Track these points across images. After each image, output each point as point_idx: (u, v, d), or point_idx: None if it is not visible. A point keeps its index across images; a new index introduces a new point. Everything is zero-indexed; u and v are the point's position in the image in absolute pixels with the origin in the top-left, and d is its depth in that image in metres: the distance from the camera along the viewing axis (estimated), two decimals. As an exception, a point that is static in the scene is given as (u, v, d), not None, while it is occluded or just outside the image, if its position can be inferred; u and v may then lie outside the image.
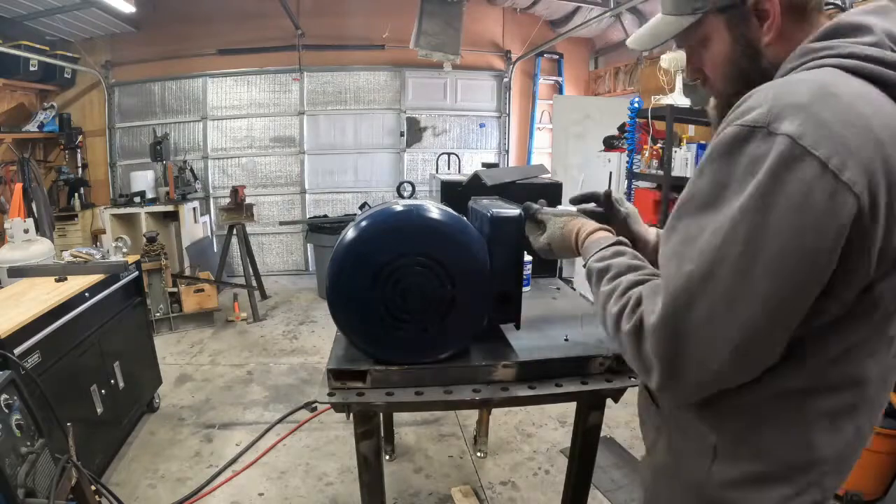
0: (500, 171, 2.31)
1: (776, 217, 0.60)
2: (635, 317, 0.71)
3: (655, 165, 3.88)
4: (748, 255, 0.61)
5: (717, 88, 0.84)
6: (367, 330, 1.25)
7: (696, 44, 0.83)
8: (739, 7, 0.76)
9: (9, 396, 1.33)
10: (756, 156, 0.62)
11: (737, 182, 0.63)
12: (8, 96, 5.20)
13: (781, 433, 0.74)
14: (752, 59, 0.77)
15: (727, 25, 0.78)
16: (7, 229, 3.14)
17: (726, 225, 0.63)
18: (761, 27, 0.76)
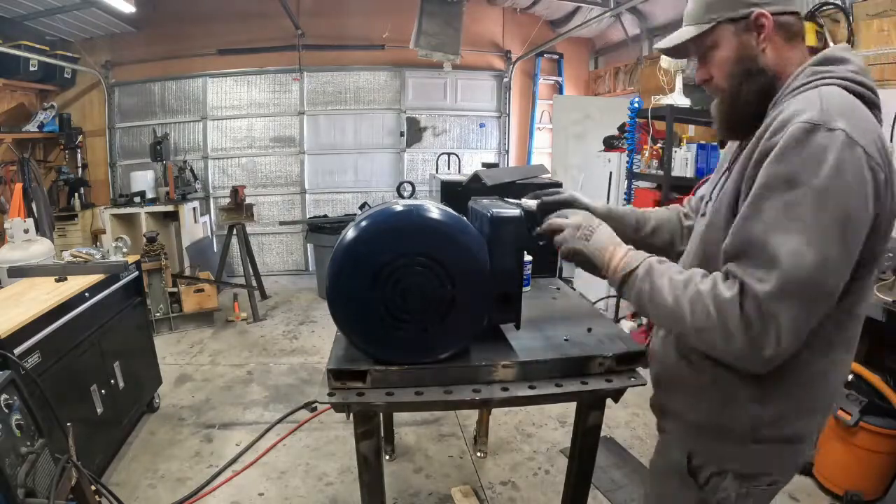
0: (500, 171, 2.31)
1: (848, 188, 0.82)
2: (736, 286, 0.86)
3: (655, 165, 3.88)
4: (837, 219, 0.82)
5: (721, 86, 1.03)
6: (367, 330, 1.25)
7: (707, 49, 1.03)
8: (744, 20, 0.97)
9: (9, 396, 1.33)
10: (824, 144, 0.82)
11: (812, 163, 0.82)
12: (8, 96, 5.20)
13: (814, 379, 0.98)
14: (750, 62, 0.99)
15: (734, 33, 0.99)
16: (7, 229, 3.13)
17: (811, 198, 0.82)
18: (759, 37, 0.98)
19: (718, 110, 1.06)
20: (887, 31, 2.87)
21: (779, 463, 1.06)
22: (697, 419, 1.08)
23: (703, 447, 1.08)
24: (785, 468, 1.09)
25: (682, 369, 1.09)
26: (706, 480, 1.08)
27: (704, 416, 1.06)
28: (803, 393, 0.99)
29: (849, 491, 2.30)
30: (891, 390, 2.20)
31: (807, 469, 2.54)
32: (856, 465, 2.31)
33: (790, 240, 0.82)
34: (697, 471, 1.09)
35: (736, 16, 0.97)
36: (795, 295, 0.82)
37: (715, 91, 1.05)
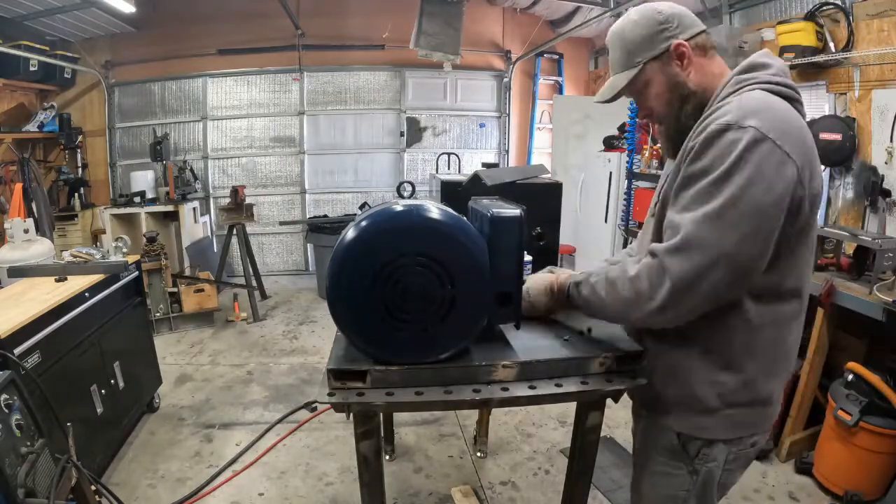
0: (500, 171, 2.31)
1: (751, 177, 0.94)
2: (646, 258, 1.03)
3: (655, 165, 3.87)
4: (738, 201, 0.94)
5: (662, 114, 1.17)
6: (367, 330, 1.25)
7: (641, 88, 1.16)
8: (665, 54, 1.11)
9: (9, 396, 1.33)
10: (733, 139, 0.95)
11: (722, 156, 0.96)
12: (8, 96, 5.20)
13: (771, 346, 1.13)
14: (681, 87, 1.12)
15: (659, 69, 1.12)
16: (7, 229, 3.13)
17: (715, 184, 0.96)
18: (682, 65, 1.11)
19: (664, 135, 1.20)
20: (887, 31, 2.87)
21: (755, 423, 1.18)
22: (675, 395, 1.18)
23: (687, 421, 1.18)
24: (761, 427, 1.19)
25: (653, 354, 1.23)
26: (696, 452, 1.18)
27: (681, 391, 1.17)
28: (764, 359, 1.12)
29: (849, 491, 2.30)
30: (891, 390, 2.20)
31: (807, 469, 2.54)
32: (856, 465, 2.31)
33: (695, 214, 0.97)
34: (687, 444, 1.19)
35: (657, 53, 1.10)
36: (691, 252, 0.96)
37: (659, 120, 1.19)
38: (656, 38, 1.10)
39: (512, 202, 1.43)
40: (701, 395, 1.14)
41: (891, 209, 2.83)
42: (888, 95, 2.85)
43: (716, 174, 0.96)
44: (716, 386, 1.12)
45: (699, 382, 1.14)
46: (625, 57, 1.14)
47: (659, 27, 1.10)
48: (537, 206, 1.79)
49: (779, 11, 3.66)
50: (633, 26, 1.13)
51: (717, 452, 1.16)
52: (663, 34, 1.10)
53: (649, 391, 1.24)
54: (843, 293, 2.40)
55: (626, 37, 1.13)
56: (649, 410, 1.29)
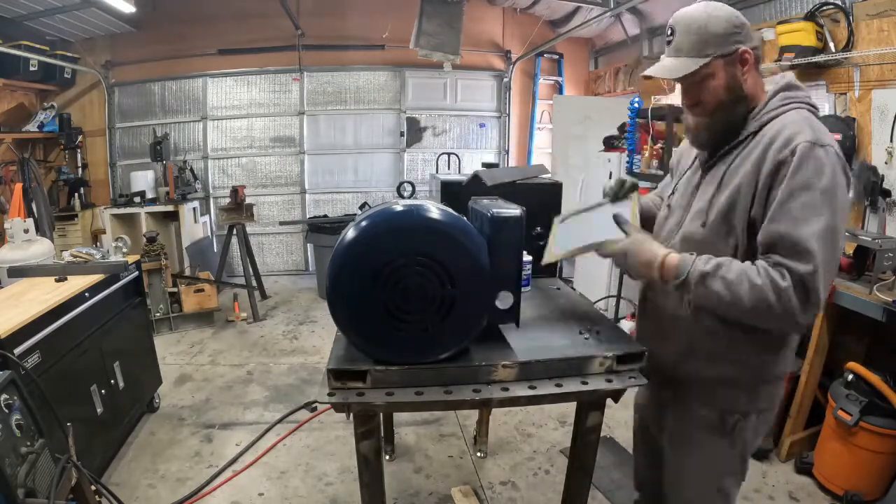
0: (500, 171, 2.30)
1: (841, 186, 1.11)
2: (787, 275, 1.09)
3: (655, 165, 3.87)
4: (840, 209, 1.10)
5: (713, 108, 1.24)
6: (367, 330, 1.25)
7: (702, 79, 1.21)
8: (734, 55, 1.20)
9: (9, 396, 1.33)
10: (823, 156, 1.10)
11: (819, 172, 1.09)
12: (8, 96, 5.20)
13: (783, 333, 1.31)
14: (738, 90, 1.22)
15: (724, 66, 1.20)
16: (7, 229, 3.13)
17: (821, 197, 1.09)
18: (743, 69, 1.21)
19: (705, 128, 1.27)
20: (887, 31, 2.87)
21: (779, 393, 1.38)
22: (719, 375, 1.31)
23: (728, 398, 1.32)
24: (778, 398, 1.39)
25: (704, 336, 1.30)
26: (734, 425, 1.32)
27: (725, 371, 1.30)
28: (779, 343, 1.30)
29: (849, 491, 2.30)
30: (891, 390, 2.20)
31: (807, 469, 2.54)
32: (856, 465, 2.31)
33: (816, 231, 1.07)
34: (725, 419, 1.33)
35: (727, 52, 1.19)
36: (825, 270, 1.08)
37: (704, 114, 1.26)
38: (730, 38, 1.19)
39: (512, 202, 1.43)
40: (744, 374, 1.29)
41: (891, 209, 2.83)
42: (888, 95, 2.85)
43: (821, 187, 1.08)
44: (756, 365, 1.29)
45: (743, 363, 1.29)
46: (699, 44, 1.20)
47: (734, 29, 1.20)
48: (537, 206, 1.79)
49: (779, 11, 3.65)
50: (715, 21, 1.19)
51: (750, 424, 1.33)
52: (736, 37, 1.20)
53: (690, 374, 1.36)
54: (843, 293, 2.40)
55: (707, 27, 1.19)
56: (687, 392, 1.38)
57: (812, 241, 1.07)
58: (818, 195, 1.08)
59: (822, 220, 1.08)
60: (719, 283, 1.14)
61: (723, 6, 1.22)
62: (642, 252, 1.27)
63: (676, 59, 1.23)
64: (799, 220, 1.09)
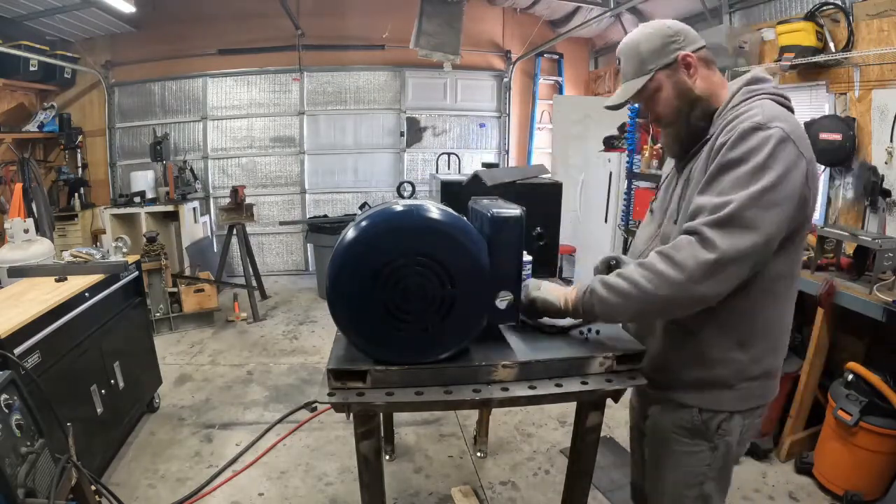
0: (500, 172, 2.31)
1: (784, 170, 1.08)
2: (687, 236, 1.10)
3: (655, 165, 3.88)
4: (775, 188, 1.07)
5: (671, 118, 1.29)
6: (367, 330, 1.25)
7: (651, 94, 1.27)
8: (675, 63, 1.24)
9: (9, 396, 1.33)
10: (765, 136, 1.09)
11: (755, 149, 1.08)
12: (8, 96, 5.20)
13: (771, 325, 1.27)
14: (689, 93, 1.25)
15: (668, 76, 1.25)
16: (7, 229, 3.13)
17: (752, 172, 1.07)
18: (689, 73, 1.24)
19: (673, 137, 1.32)
20: (887, 31, 2.87)
21: (765, 393, 1.31)
22: (697, 376, 1.28)
23: (709, 399, 1.28)
24: (768, 397, 1.32)
25: (679, 338, 1.29)
26: (716, 427, 1.28)
27: (701, 371, 1.28)
28: (768, 337, 1.26)
29: (849, 491, 2.30)
30: (891, 390, 2.20)
31: (807, 469, 2.54)
32: (856, 465, 2.31)
33: (736, 198, 1.06)
34: (708, 422, 1.28)
35: (668, 62, 1.23)
36: (742, 229, 1.06)
37: (666, 124, 1.31)
38: (666, 48, 1.23)
39: (512, 202, 1.43)
40: (720, 373, 1.25)
41: (891, 209, 2.83)
42: (888, 95, 2.85)
43: (753, 163, 1.07)
44: (733, 363, 1.24)
45: (718, 361, 1.25)
46: (638, 65, 1.26)
47: (669, 39, 1.24)
48: (537, 206, 1.79)
49: (779, 11, 3.66)
50: (647, 38, 1.25)
51: (734, 425, 1.28)
52: (672, 45, 1.23)
53: (667, 376, 1.33)
54: (843, 293, 2.40)
55: (640, 47, 1.25)
56: (665, 392, 1.35)
57: (732, 202, 1.06)
58: (748, 169, 1.07)
59: (744, 191, 1.06)
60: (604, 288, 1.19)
61: (656, 22, 1.28)
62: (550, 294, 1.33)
63: (624, 85, 1.30)
64: (721, 192, 1.09)
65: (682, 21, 1.29)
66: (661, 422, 1.38)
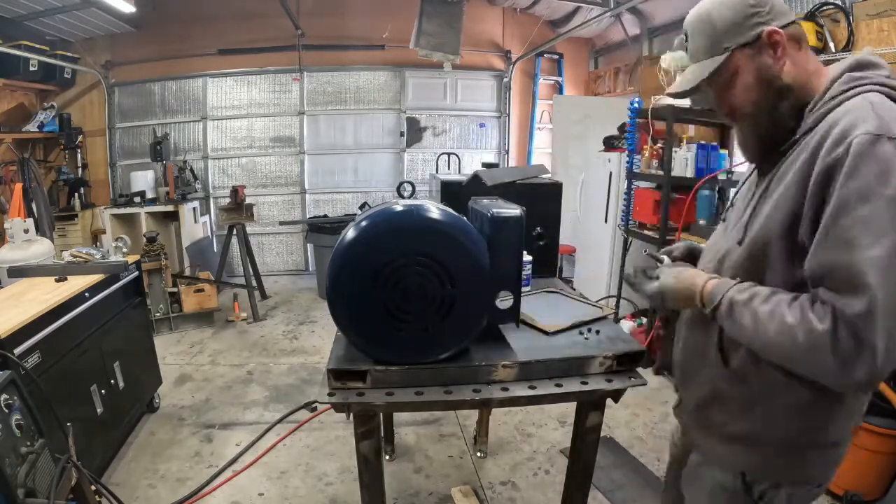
0: (500, 172, 2.31)
1: None
2: (828, 315, 0.83)
3: (655, 165, 3.87)
4: None
5: (750, 111, 1.02)
6: (367, 330, 1.25)
7: (727, 79, 1.01)
8: (758, 41, 0.97)
9: (9, 396, 1.33)
10: (890, 153, 0.82)
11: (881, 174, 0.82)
12: (8, 96, 5.20)
13: None
14: (775, 80, 0.98)
15: (750, 57, 0.98)
16: (7, 229, 3.13)
17: (887, 209, 0.80)
18: (775, 55, 0.97)
19: (752, 135, 1.05)
20: (887, 31, 2.87)
21: (829, 466, 1.06)
22: (745, 430, 1.05)
23: (752, 462, 1.06)
24: (831, 471, 1.08)
25: (730, 383, 1.06)
26: (761, 495, 1.06)
27: (753, 426, 1.04)
28: (835, 397, 0.98)
29: (849, 491, 2.30)
30: (891, 390, 2.20)
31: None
32: (856, 465, 2.30)
33: (873, 257, 0.80)
34: (752, 485, 1.06)
35: (748, 39, 0.97)
36: (887, 311, 0.79)
37: (744, 118, 1.04)
38: (747, 22, 0.97)
39: (512, 202, 1.43)
40: (775, 433, 1.02)
41: (891, 209, 2.82)
42: (888, 95, 2.85)
43: (887, 196, 0.81)
44: (794, 423, 1.01)
45: (777, 418, 1.01)
46: (710, 43, 1.01)
47: (751, 9, 0.97)
48: (537, 206, 1.79)
49: (779, 11, 3.65)
50: (721, 8, 0.99)
51: (779, 499, 1.05)
52: (755, 18, 0.97)
53: (710, 426, 1.12)
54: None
55: (713, 20, 1.00)
56: (707, 445, 1.14)
57: (870, 270, 0.80)
58: (882, 207, 0.80)
59: (886, 241, 0.79)
60: (748, 317, 0.93)
61: None
62: (681, 284, 1.07)
63: (692, 67, 1.05)
64: (853, 243, 0.82)
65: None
66: (698, 476, 1.17)
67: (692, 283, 1.05)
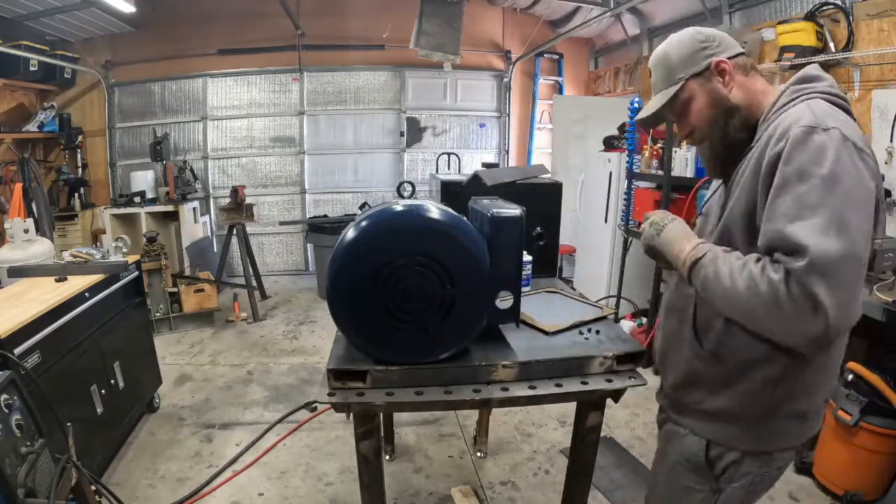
0: (500, 171, 2.31)
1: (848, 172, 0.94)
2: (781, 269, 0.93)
3: (655, 165, 3.87)
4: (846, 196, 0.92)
5: (705, 131, 1.18)
6: (367, 330, 1.25)
7: (683, 105, 1.18)
8: (706, 71, 1.14)
9: (9, 396, 1.33)
10: (823, 140, 0.95)
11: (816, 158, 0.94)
12: (8, 96, 5.20)
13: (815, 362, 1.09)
14: (724, 102, 1.15)
15: (701, 84, 1.15)
16: (7, 229, 3.13)
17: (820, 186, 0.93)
18: (723, 81, 1.14)
19: (710, 151, 1.20)
20: (887, 31, 2.87)
21: (787, 437, 1.14)
22: (717, 407, 1.14)
23: (723, 433, 1.15)
24: (790, 442, 1.15)
25: (705, 363, 1.15)
26: (723, 470, 1.16)
27: (726, 403, 1.13)
28: (809, 374, 1.08)
29: (849, 491, 2.30)
30: (891, 390, 2.20)
31: (807, 469, 2.54)
32: (856, 465, 2.31)
33: (809, 225, 0.92)
34: (715, 461, 1.16)
35: (699, 69, 1.15)
36: (832, 269, 0.89)
37: (701, 138, 1.20)
38: (697, 55, 1.15)
39: (512, 202, 1.43)
40: (747, 406, 1.11)
41: (891, 209, 2.83)
42: (888, 95, 2.85)
43: (821, 174, 0.93)
44: (765, 396, 1.09)
45: (750, 393, 1.11)
46: (667, 75, 1.19)
47: (700, 45, 1.15)
48: (537, 206, 1.79)
49: (779, 11, 3.66)
50: (676, 46, 1.18)
51: (744, 471, 1.14)
52: (704, 52, 1.15)
53: (684, 399, 1.21)
54: (844, 293, 2.39)
55: (669, 55, 1.18)
56: (679, 415, 1.23)
57: (808, 235, 0.91)
58: (816, 184, 0.93)
59: (820, 212, 0.91)
60: (726, 266, 1.02)
61: (686, 30, 1.19)
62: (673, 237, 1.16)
63: (654, 97, 1.22)
64: (794, 216, 0.94)
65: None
66: (668, 448, 1.27)
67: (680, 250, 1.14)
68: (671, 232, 1.17)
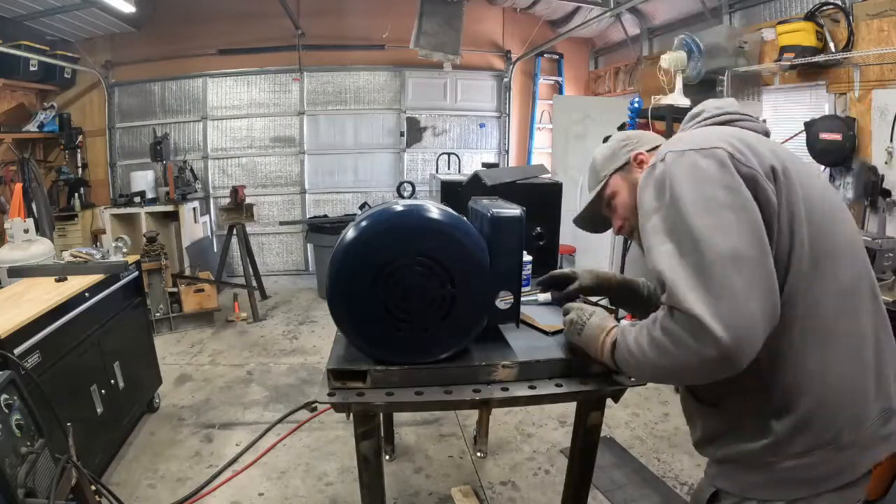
0: (500, 171, 2.31)
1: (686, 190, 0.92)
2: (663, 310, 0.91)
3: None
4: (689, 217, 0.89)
5: (634, 223, 1.15)
6: (367, 330, 1.25)
7: (609, 200, 1.23)
8: (628, 164, 1.21)
9: (9, 396, 1.33)
10: (659, 172, 0.97)
11: (656, 192, 0.97)
12: (8, 96, 5.20)
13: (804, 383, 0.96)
14: None
15: (623, 178, 1.21)
16: (7, 229, 3.13)
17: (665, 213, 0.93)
18: (642, 170, 1.14)
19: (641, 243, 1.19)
20: (887, 31, 2.87)
21: (817, 476, 0.94)
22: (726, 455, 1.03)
23: (728, 478, 1.02)
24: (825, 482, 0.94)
25: (706, 416, 1.08)
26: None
27: (731, 451, 1.01)
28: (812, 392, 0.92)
29: (849, 491, 2.30)
30: (891, 390, 2.20)
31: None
32: (856, 465, 2.31)
33: (659, 252, 0.92)
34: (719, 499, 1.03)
35: (620, 164, 1.21)
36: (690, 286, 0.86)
37: (631, 229, 1.21)
38: (619, 152, 1.23)
39: (512, 202, 1.43)
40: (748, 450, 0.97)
41: (891, 209, 2.83)
42: (888, 95, 2.85)
43: (665, 204, 0.93)
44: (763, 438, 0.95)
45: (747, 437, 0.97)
46: (594, 177, 1.27)
47: (621, 144, 1.24)
48: (537, 206, 1.79)
49: (779, 11, 3.66)
50: (601, 150, 1.28)
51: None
52: (625, 148, 1.23)
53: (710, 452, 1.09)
54: (843, 293, 2.39)
55: (596, 160, 1.28)
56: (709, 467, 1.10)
57: (660, 263, 0.91)
58: (662, 214, 0.93)
59: (666, 238, 0.91)
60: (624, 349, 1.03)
61: (612, 136, 1.29)
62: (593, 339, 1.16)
63: (585, 201, 1.29)
64: (650, 250, 0.95)
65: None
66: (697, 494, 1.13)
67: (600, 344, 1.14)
68: (589, 330, 1.19)
